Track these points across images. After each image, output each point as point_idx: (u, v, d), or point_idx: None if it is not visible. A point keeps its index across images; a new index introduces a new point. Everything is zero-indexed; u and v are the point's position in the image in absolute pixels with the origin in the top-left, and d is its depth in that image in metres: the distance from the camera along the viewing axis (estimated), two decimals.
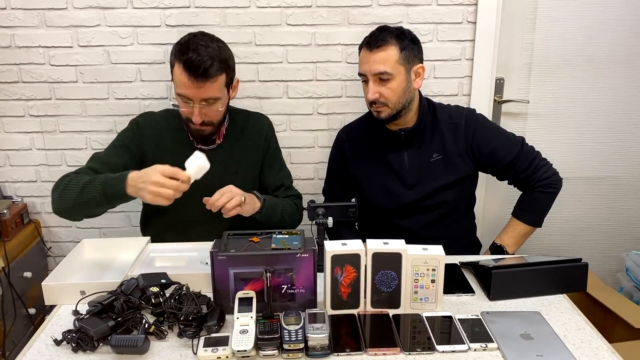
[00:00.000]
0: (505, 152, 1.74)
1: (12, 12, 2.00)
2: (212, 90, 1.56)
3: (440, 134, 1.75)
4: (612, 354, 1.17)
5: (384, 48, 1.62)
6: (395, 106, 1.66)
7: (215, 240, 1.34)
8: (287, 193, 1.83)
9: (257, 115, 1.86)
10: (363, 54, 1.67)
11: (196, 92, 1.55)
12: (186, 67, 1.52)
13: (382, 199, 1.78)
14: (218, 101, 1.60)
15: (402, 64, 1.64)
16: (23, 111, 2.12)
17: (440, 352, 1.17)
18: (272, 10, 2.03)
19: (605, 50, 2.20)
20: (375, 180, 1.79)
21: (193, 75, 1.52)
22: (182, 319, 1.21)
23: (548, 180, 1.74)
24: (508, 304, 1.37)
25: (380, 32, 1.66)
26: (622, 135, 2.31)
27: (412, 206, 1.76)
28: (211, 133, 1.68)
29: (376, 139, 1.79)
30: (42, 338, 1.24)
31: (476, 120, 1.77)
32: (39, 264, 2.23)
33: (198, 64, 1.51)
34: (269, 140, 1.82)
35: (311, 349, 1.15)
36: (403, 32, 1.67)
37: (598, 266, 2.43)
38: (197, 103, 1.57)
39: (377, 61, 1.62)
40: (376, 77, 1.64)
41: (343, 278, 1.29)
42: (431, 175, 1.75)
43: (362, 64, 1.68)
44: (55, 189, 1.56)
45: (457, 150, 1.74)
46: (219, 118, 1.65)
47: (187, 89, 1.55)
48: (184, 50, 1.54)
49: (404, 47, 1.64)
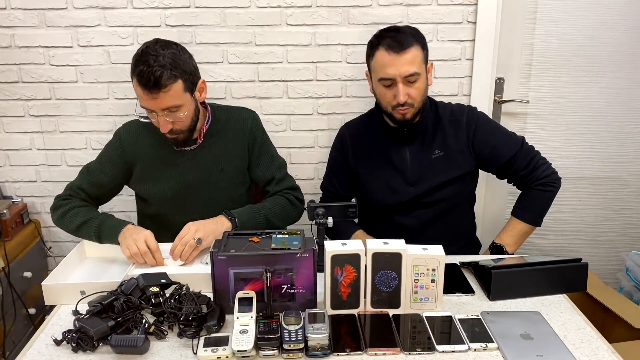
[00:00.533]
0: (506, 150, 1.75)
1: (12, 12, 2.00)
2: (168, 99, 1.53)
3: (443, 130, 1.76)
4: (612, 354, 1.17)
5: (410, 49, 1.62)
6: (419, 105, 1.68)
7: (215, 240, 1.34)
8: (280, 187, 1.79)
9: (240, 109, 1.83)
10: (386, 57, 1.62)
11: (154, 103, 1.54)
12: (139, 80, 1.51)
13: (383, 195, 1.79)
14: (180, 108, 1.57)
15: (424, 63, 1.66)
16: (23, 111, 2.12)
17: (440, 352, 1.17)
18: (272, 10, 2.03)
19: (605, 50, 2.20)
20: (377, 177, 1.79)
21: (146, 87, 1.51)
22: (182, 319, 1.21)
23: (547, 178, 1.75)
24: (508, 304, 1.37)
25: (397, 33, 1.65)
26: (622, 135, 2.31)
27: (413, 202, 1.77)
28: (187, 138, 1.67)
29: (378, 136, 1.80)
30: (42, 338, 1.24)
31: (477, 118, 1.78)
32: (39, 264, 2.23)
33: (148, 75, 1.49)
34: (253, 133, 1.79)
35: (311, 349, 1.15)
36: (417, 31, 1.68)
37: (598, 266, 2.42)
38: (159, 113, 1.56)
39: (406, 63, 1.61)
40: (406, 79, 1.63)
41: (343, 278, 1.29)
42: (432, 171, 1.75)
43: (388, 67, 1.62)
44: (53, 213, 1.71)
45: (458, 146, 1.75)
46: (187, 123, 1.62)
47: (146, 101, 1.55)
48: (136, 63, 1.53)
49: (423, 45, 1.66)
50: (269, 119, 2.15)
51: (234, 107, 1.85)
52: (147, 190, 1.77)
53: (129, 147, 1.74)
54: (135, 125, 1.77)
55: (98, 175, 1.73)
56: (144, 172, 1.75)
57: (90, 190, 1.73)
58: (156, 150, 1.73)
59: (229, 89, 2.12)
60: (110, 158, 1.75)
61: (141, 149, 1.74)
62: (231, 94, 2.12)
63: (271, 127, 2.15)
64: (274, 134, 2.14)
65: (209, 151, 1.74)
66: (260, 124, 1.84)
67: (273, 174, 1.80)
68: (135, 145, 1.74)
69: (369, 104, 2.13)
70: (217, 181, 1.74)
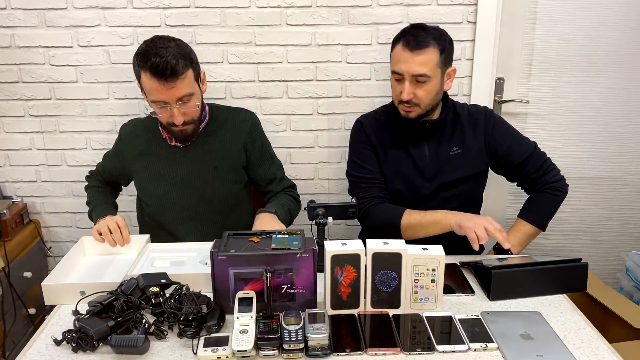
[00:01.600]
0: (520, 151, 1.77)
1: (12, 12, 2.00)
2: (184, 87, 1.57)
3: (461, 128, 1.77)
4: (612, 354, 1.17)
5: (425, 50, 1.60)
6: (426, 107, 1.67)
7: (215, 240, 1.34)
8: (282, 185, 1.85)
9: (239, 110, 1.85)
10: (401, 53, 1.63)
11: (170, 93, 1.55)
12: (153, 72, 1.53)
13: (401, 187, 1.78)
14: (193, 97, 1.61)
15: (440, 67, 1.64)
16: (23, 111, 2.12)
17: (440, 352, 1.17)
18: (272, 10, 2.03)
19: (605, 50, 2.20)
20: (396, 168, 1.78)
21: (162, 78, 1.52)
22: (182, 319, 1.21)
23: (557, 183, 1.77)
24: (508, 304, 1.37)
25: (421, 31, 1.63)
26: (622, 135, 2.31)
27: (428, 197, 1.77)
28: (194, 130, 1.69)
29: (398, 130, 1.78)
30: (42, 338, 1.24)
31: (494, 118, 1.79)
32: (39, 264, 2.23)
33: (164, 65, 1.52)
34: (253, 135, 1.81)
35: (311, 349, 1.15)
36: (442, 34, 1.65)
37: (598, 266, 2.43)
38: (174, 104, 1.58)
39: (418, 63, 1.60)
40: (414, 78, 1.62)
41: (343, 278, 1.29)
42: (449, 168, 1.76)
43: (400, 63, 1.63)
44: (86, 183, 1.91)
45: (476, 145, 1.76)
46: (198, 113, 1.67)
47: (160, 93, 1.55)
48: (145, 57, 1.54)
49: (443, 49, 1.63)
50: (269, 119, 2.15)
51: (233, 107, 1.86)
52: (141, 186, 1.80)
53: (127, 145, 1.79)
54: (133, 124, 1.83)
55: (108, 163, 1.86)
56: (138, 169, 1.78)
57: (104, 175, 1.88)
58: (150, 147, 1.76)
59: (229, 89, 2.12)
60: (115, 152, 1.85)
61: (136, 147, 1.77)
62: (231, 94, 2.12)
63: (271, 127, 2.15)
64: (274, 134, 2.14)
65: (202, 148, 1.75)
66: (260, 125, 1.85)
67: (274, 173, 1.85)
68: (132, 143, 1.78)
69: (369, 104, 2.13)
70: (210, 179, 1.75)
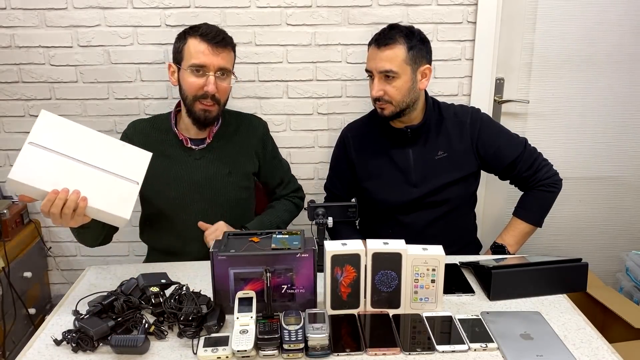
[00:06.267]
0: (509, 151, 1.76)
1: (12, 12, 2.00)
2: (227, 60, 1.63)
3: (446, 131, 1.76)
4: (612, 354, 1.17)
5: (391, 46, 1.63)
6: (399, 105, 1.67)
7: (215, 240, 1.34)
8: (288, 189, 1.87)
9: (251, 117, 1.87)
10: (371, 51, 1.69)
11: (215, 59, 1.60)
12: (204, 37, 1.60)
13: (387, 195, 1.79)
14: (229, 76, 1.66)
15: (409, 64, 1.65)
16: (23, 111, 2.12)
17: (440, 352, 1.17)
18: (272, 10, 2.03)
19: (605, 50, 2.20)
20: (380, 177, 1.79)
21: (212, 41, 1.59)
22: (182, 319, 1.21)
23: (550, 179, 1.76)
24: (508, 304, 1.37)
25: (389, 30, 1.66)
26: (622, 135, 2.31)
27: (416, 202, 1.77)
28: (216, 117, 1.68)
29: (381, 136, 1.80)
30: (42, 338, 1.24)
31: (481, 119, 1.78)
32: (39, 264, 2.23)
33: (215, 32, 1.61)
34: (265, 142, 1.83)
35: (311, 349, 1.15)
36: (412, 32, 1.67)
37: (598, 266, 2.42)
38: (212, 72, 1.60)
39: (383, 59, 1.63)
40: (382, 74, 1.65)
41: (343, 278, 1.29)
42: (436, 172, 1.75)
43: (369, 61, 1.69)
44: None
45: (462, 147, 1.75)
46: (226, 97, 1.69)
47: (206, 56, 1.59)
48: (196, 27, 1.62)
49: (412, 46, 1.64)
50: (269, 119, 2.14)
51: (244, 113, 1.87)
52: (152, 187, 1.75)
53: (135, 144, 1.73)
54: (141, 124, 1.79)
55: None
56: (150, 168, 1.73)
57: None
58: (164, 147, 1.73)
59: None
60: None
61: (149, 146, 1.72)
62: (231, 94, 2.12)
63: (271, 127, 2.13)
64: (274, 134, 2.13)
65: (218, 153, 1.74)
66: (269, 132, 1.88)
67: (282, 177, 1.88)
68: (144, 142, 1.72)
69: (368, 104, 2.13)
70: (223, 184, 1.73)
